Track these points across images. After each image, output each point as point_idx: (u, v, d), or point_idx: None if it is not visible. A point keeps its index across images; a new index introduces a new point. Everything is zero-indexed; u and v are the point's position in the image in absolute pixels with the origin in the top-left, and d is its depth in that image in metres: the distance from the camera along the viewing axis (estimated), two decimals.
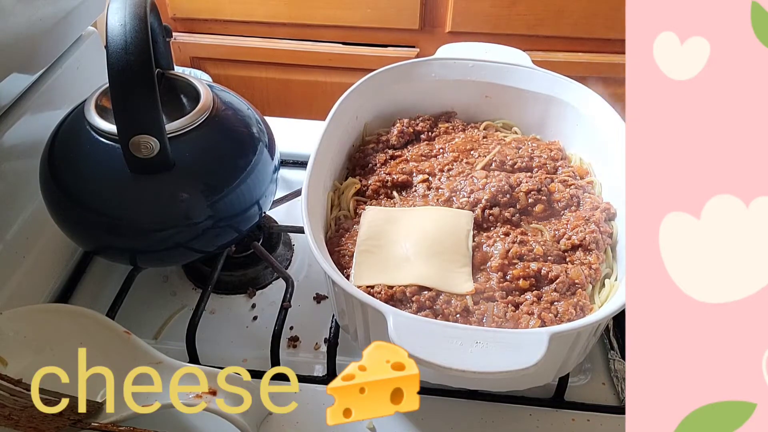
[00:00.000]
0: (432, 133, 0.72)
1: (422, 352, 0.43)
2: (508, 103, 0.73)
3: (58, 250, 0.68)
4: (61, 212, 0.59)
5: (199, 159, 0.57)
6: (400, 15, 1.41)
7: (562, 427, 0.56)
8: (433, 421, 0.55)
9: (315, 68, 1.51)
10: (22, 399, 0.47)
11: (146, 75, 0.49)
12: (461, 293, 0.53)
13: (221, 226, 0.59)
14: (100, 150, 0.56)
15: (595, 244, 0.57)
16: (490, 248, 0.57)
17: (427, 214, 0.60)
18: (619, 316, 0.48)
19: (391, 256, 0.56)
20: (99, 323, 0.55)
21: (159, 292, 0.69)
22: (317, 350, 0.63)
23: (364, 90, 0.69)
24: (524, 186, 0.61)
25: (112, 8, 0.50)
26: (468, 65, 0.72)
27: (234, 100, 0.64)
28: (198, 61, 1.53)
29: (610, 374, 0.60)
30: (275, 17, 1.45)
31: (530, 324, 0.51)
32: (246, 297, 0.68)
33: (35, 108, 0.69)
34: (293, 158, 0.83)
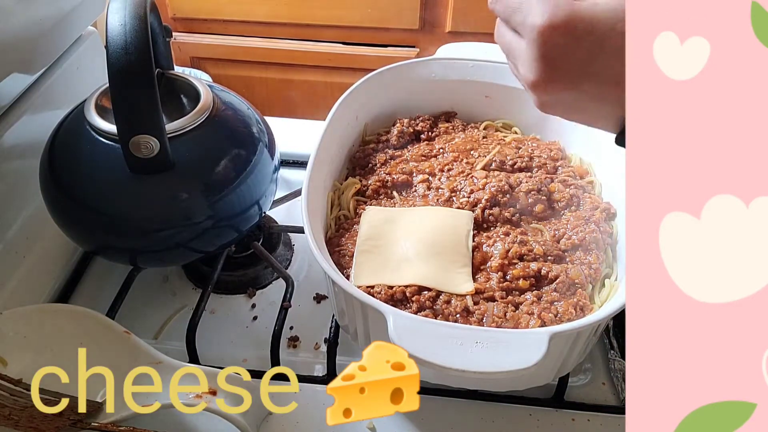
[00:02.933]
0: (432, 133, 0.72)
1: (422, 352, 0.43)
2: (508, 103, 0.73)
3: (58, 250, 0.68)
4: (61, 212, 0.59)
5: (199, 159, 0.57)
6: (400, 15, 1.41)
7: (562, 427, 0.56)
8: (433, 421, 0.55)
9: (315, 68, 1.51)
10: (22, 399, 0.47)
11: (146, 75, 0.49)
12: (461, 293, 0.53)
13: (221, 226, 0.59)
14: (100, 150, 0.56)
15: (595, 243, 0.57)
16: (490, 248, 0.57)
17: (427, 214, 0.60)
18: (619, 316, 0.48)
19: (391, 256, 0.56)
20: (99, 323, 0.55)
21: (159, 292, 0.69)
22: (317, 350, 0.63)
23: (364, 90, 0.69)
24: (524, 186, 0.61)
25: (112, 8, 0.50)
26: (468, 65, 0.72)
27: (234, 100, 0.64)
28: (198, 61, 1.53)
29: (610, 374, 0.60)
30: (275, 17, 1.45)
31: (530, 324, 0.51)
32: (246, 297, 0.68)
33: (35, 108, 0.69)
34: (293, 158, 0.83)
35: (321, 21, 1.44)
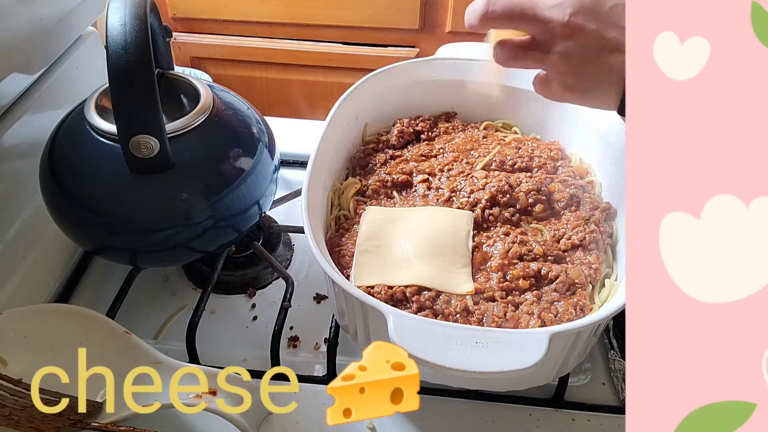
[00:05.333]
0: (432, 133, 0.72)
1: (422, 352, 0.43)
2: (508, 103, 0.73)
3: (58, 250, 0.68)
4: (61, 212, 0.59)
5: (199, 159, 0.57)
6: (400, 15, 1.41)
7: (562, 427, 0.56)
8: (433, 421, 0.55)
9: (315, 68, 1.51)
10: (22, 399, 0.47)
11: (146, 75, 0.49)
12: (461, 293, 0.53)
13: (221, 226, 0.59)
14: (100, 150, 0.56)
15: (595, 244, 0.57)
16: (490, 248, 0.57)
17: (427, 214, 0.60)
18: (619, 316, 0.48)
19: (391, 256, 0.56)
20: (99, 323, 0.55)
21: (159, 292, 0.69)
22: (317, 350, 0.63)
23: (364, 90, 0.69)
24: (524, 186, 0.61)
25: (112, 8, 0.50)
26: (468, 65, 0.72)
27: (234, 100, 0.64)
28: (198, 61, 1.53)
29: (610, 374, 0.60)
30: (275, 17, 1.45)
31: (530, 324, 0.51)
32: (246, 297, 0.68)
33: (35, 108, 0.69)
34: (293, 158, 0.83)
35: (321, 21, 1.44)
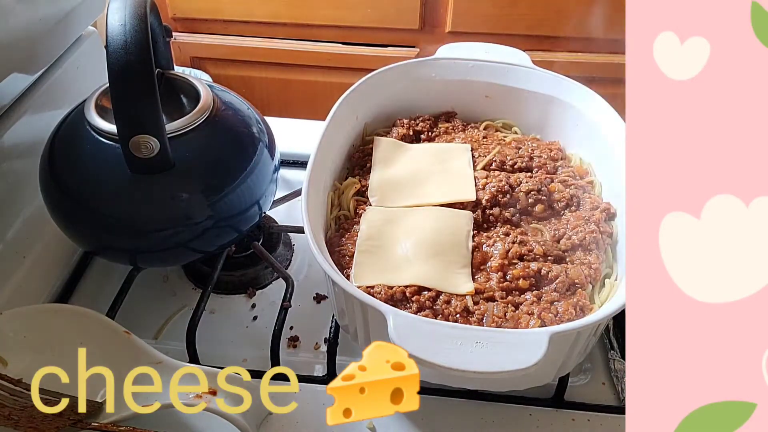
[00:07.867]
0: (432, 133, 0.72)
1: (422, 352, 0.43)
2: (508, 103, 0.73)
3: (58, 250, 0.68)
4: (61, 212, 0.59)
5: (199, 159, 0.57)
6: (400, 15, 1.41)
7: (562, 427, 0.56)
8: (433, 421, 0.55)
9: (315, 68, 1.51)
10: (22, 399, 0.47)
11: (146, 75, 0.49)
12: (461, 293, 0.53)
13: (221, 226, 0.59)
14: (100, 150, 0.56)
15: (595, 244, 0.57)
16: (490, 248, 0.57)
17: (427, 214, 0.60)
18: (619, 316, 0.48)
19: (391, 257, 0.56)
20: (99, 323, 0.55)
21: (159, 292, 0.69)
22: (317, 350, 0.63)
23: (364, 90, 0.69)
24: (524, 186, 0.61)
25: (112, 8, 0.50)
26: (468, 65, 0.72)
27: (234, 100, 0.64)
28: (198, 61, 1.53)
29: (610, 374, 0.60)
30: (275, 17, 1.45)
31: (530, 324, 0.51)
32: (246, 297, 0.68)
33: (35, 108, 0.69)
34: (293, 158, 0.83)
35: (321, 21, 1.44)
